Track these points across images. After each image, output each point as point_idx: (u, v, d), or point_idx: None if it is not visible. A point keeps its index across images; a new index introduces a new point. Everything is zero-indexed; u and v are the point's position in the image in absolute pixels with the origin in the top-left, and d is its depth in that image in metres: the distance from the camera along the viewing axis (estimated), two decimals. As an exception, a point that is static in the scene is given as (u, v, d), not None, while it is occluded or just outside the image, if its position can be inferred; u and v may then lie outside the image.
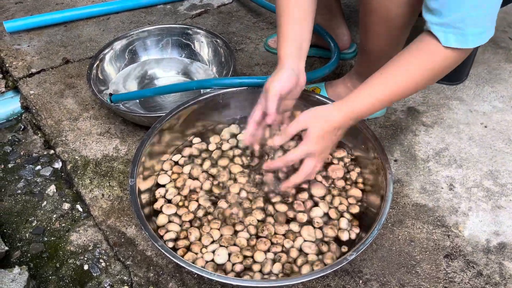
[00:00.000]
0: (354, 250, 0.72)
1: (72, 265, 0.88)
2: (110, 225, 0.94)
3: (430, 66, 0.75)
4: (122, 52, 1.25)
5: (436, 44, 0.73)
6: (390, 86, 0.78)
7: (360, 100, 0.78)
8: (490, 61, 1.35)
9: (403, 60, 0.77)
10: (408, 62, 0.77)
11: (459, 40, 0.71)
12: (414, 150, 1.09)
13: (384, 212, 0.77)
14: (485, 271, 0.87)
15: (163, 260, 0.88)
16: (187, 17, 1.55)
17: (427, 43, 0.75)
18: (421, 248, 0.90)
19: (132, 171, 0.84)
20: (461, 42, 0.71)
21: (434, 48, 0.74)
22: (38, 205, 1.00)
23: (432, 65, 0.75)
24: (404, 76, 0.77)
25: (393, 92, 0.78)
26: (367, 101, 0.78)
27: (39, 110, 1.20)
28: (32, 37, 1.45)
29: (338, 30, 1.27)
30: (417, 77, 0.77)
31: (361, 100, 0.78)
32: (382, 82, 0.78)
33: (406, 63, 0.77)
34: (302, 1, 0.84)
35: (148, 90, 1.13)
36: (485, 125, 1.15)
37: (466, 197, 0.99)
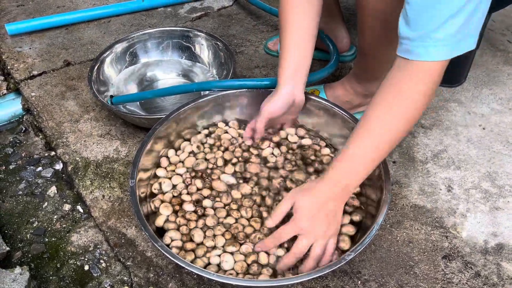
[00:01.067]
0: (352, 251, 0.73)
1: (73, 266, 0.89)
2: (110, 226, 0.95)
3: (414, 101, 0.70)
4: (123, 55, 1.26)
5: (415, 66, 0.68)
6: (373, 147, 0.73)
7: (345, 168, 0.74)
8: (489, 63, 1.36)
9: (382, 111, 0.72)
10: (388, 111, 0.72)
11: (441, 52, 0.67)
12: (412, 152, 1.10)
13: (382, 213, 0.78)
14: (483, 272, 0.87)
15: (163, 261, 0.88)
16: (188, 20, 1.56)
17: (404, 73, 0.70)
18: (420, 249, 0.91)
19: (133, 172, 0.85)
20: (443, 53, 0.67)
21: (414, 74, 0.69)
22: (39, 206, 1.01)
23: (417, 97, 0.70)
24: (387, 130, 0.72)
25: (379, 151, 0.74)
26: (352, 167, 0.74)
27: (40, 112, 1.20)
28: (34, 39, 1.46)
29: (337, 32, 1.28)
30: (402, 123, 0.72)
31: (345, 168, 0.74)
32: (363, 144, 0.74)
33: (386, 114, 0.72)
34: (304, 22, 0.88)
35: (149, 92, 1.14)
36: (483, 127, 1.16)
37: (464, 199, 1.00)
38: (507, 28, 1.49)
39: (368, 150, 0.74)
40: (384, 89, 0.73)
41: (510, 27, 1.50)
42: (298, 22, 0.88)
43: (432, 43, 0.67)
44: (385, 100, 0.73)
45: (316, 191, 0.75)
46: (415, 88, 0.70)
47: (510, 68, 1.34)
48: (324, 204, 0.74)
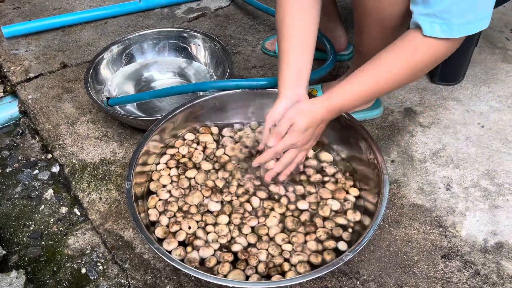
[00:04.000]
0: (350, 251, 0.72)
1: (70, 269, 0.88)
2: (107, 229, 0.94)
3: (413, 61, 0.77)
4: (119, 56, 1.26)
5: (421, 37, 0.75)
6: (370, 83, 0.80)
7: (341, 95, 0.81)
8: (487, 61, 1.36)
9: (384, 57, 0.79)
10: (389, 58, 0.79)
11: (444, 30, 0.72)
12: (411, 150, 1.09)
13: (380, 213, 0.77)
14: (482, 271, 0.86)
15: (161, 263, 0.88)
16: (184, 21, 1.55)
17: (411, 37, 0.76)
18: (419, 249, 0.90)
19: (129, 174, 0.84)
20: (446, 32, 0.72)
21: (418, 41, 0.75)
22: (35, 209, 1.00)
23: (417, 59, 0.77)
24: (384, 73, 0.79)
25: (373, 88, 0.80)
26: (347, 96, 0.81)
27: (36, 115, 1.20)
28: (30, 42, 1.46)
29: (335, 32, 1.28)
30: (398, 73, 0.78)
31: (342, 96, 0.81)
32: (362, 79, 0.81)
33: (387, 60, 0.79)
34: (304, 24, 0.87)
35: (145, 93, 1.13)
36: (482, 125, 1.15)
37: (463, 197, 0.99)
38: (505, 26, 1.49)
39: (368, 85, 0.80)
40: (395, 44, 0.79)
41: (508, 25, 1.49)
42: (298, 23, 0.86)
43: (437, 21, 0.72)
44: (393, 52, 0.78)
45: (313, 112, 0.81)
46: (418, 54, 0.76)
47: (509, 65, 1.34)
48: (317, 123, 0.83)
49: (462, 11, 0.71)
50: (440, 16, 0.71)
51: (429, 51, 0.76)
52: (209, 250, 0.81)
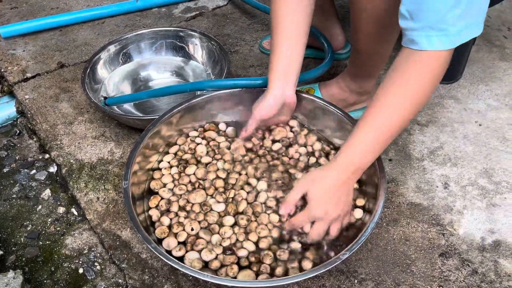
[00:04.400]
0: (347, 250, 0.72)
1: (67, 269, 0.88)
2: (105, 228, 0.94)
3: (421, 86, 0.72)
4: (116, 56, 1.26)
5: (420, 55, 0.70)
6: (382, 128, 0.75)
7: (354, 152, 0.76)
8: (485, 59, 1.36)
9: (389, 94, 0.74)
10: (395, 94, 0.74)
11: (444, 42, 0.68)
12: (408, 149, 1.09)
13: (377, 211, 0.77)
14: (480, 269, 0.87)
15: (158, 263, 0.88)
16: (182, 20, 1.55)
17: (411, 61, 0.72)
18: (416, 247, 0.90)
19: (126, 174, 0.84)
20: (446, 43, 0.69)
21: (420, 63, 0.71)
22: (33, 209, 1.00)
23: (424, 83, 0.72)
24: (396, 112, 0.74)
25: (387, 132, 0.75)
26: (361, 150, 0.76)
27: (34, 115, 1.20)
28: (27, 42, 1.46)
29: (332, 30, 1.28)
30: (409, 106, 0.74)
31: (355, 152, 0.76)
32: (372, 126, 0.75)
33: (394, 96, 0.74)
34: (295, 20, 0.87)
35: (143, 93, 1.13)
36: (479, 124, 1.15)
37: (461, 196, 0.99)
38: (503, 24, 1.49)
39: (378, 133, 0.75)
40: (391, 76, 0.74)
41: (505, 23, 1.49)
42: (289, 20, 0.87)
43: (434, 33, 0.68)
44: (393, 85, 0.74)
45: (327, 179, 0.77)
46: (421, 74, 0.72)
47: (506, 63, 1.34)
48: (336, 191, 0.76)
49: (457, 18, 0.67)
50: (436, 27, 0.67)
51: (433, 67, 0.71)
52: (211, 254, 0.80)
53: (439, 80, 0.74)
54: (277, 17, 0.87)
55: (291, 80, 0.89)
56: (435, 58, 0.70)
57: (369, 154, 0.77)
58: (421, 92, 0.73)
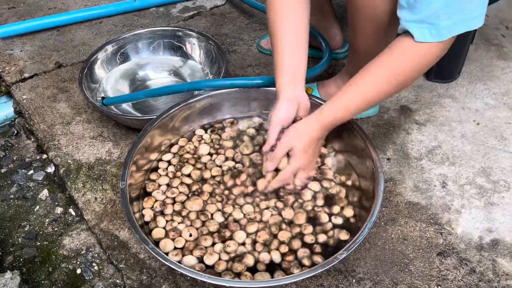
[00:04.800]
0: (345, 249, 0.72)
1: (65, 269, 0.88)
2: (103, 229, 0.94)
3: (403, 67, 0.78)
4: (113, 55, 1.26)
5: (410, 42, 0.75)
6: (359, 96, 0.81)
7: (334, 111, 0.83)
8: (483, 58, 1.36)
9: (372, 67, 0.80)
10: (377, 68, 0.79)
11: (434, 35, 0.73)
12: (407, 148, 1.09)
13: (374, 211, 0.77)
14: (478, 268, 0.87)
15: (156, 263, 0.88)
16: (180, 20, 1.55)
17: (400, 44, 0.77)
18: (414, 246, 0.90)
19: (123, 174, 0.84)
20: (436, 36, 0.73)
21: (408, 47, 0.76)
22: (30, 209, 1.00)
23: (407, 65, 0.77)
24: (372, 84, 0.80)
25: (364, 100, 0.82)
26: (339, 111, 0.82)
27: (31, 115, 1.19)
28: (25, 42, 1.45)
29: (330, 30, 1.28)
30: (387, 83, 0.79)
31: (334, 111, 0.83)
32: (351, 92, 0.82)
33: (375, 70, 0.80)
34: (296, 22, 0.87)
35: (140, 92, 1.13)
36: (477, 122, 1.15)
37: (459, 195, 0.99)
38: (501, 23, 1.49)
39: (358, 97, 0.82)
40: (383, 54, 0.79)
41: (503, 21, 1.49)
42: (289, 22, 0.86)
43: (426, 26, 0.73)
44: (381, 62, 0.79)
45: (310, 133, 0.83)
46: (409, 58, 0.77)
47: (504, 62, 1.34)
48: (316, 142, 0.85)
49: (450, 14, 0.72)
50: (428, 21, 0.73)
51: (421, 55, 0.76)
52: (213, 257, 0.79)
53: (424, 68, 0.79)
54: (276, 22, 0.86)
55: (300, 81, 0.88)
56: (423, 49, 0.75)
57: (346, 113, 0.83)
58: (404, 73, 0.78)
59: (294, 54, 0.87)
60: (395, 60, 0.78)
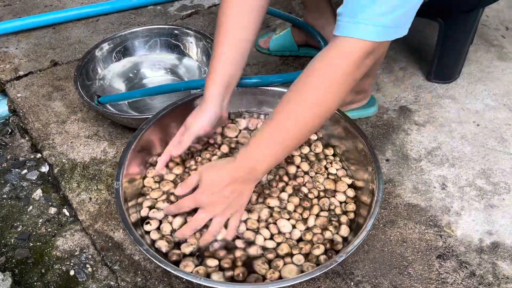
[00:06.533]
0: (343, 252, 0.71)
1: (58, 271, 0.86)
2: (97, 229, 0.92)
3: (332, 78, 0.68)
4: (110, 54, 1.24)
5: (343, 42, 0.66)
6: (286, 133, 0.71)
7: (255, 151, 0.73)
8: (482, 59, 1.35)
9: (295, 93, 0.71)
10: (300, 93, 0.70)
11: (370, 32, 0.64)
12: (406, 149, 1.08)
13: (373, 213, 0.76)
14: (478, 271, 0.85)
15: (151, 265, 0.86)
16: (178, 18, 1.53)
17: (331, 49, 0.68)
18: (413, 249, 0.89)
19: (118, 174, 0.82)
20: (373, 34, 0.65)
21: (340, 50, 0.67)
22: (23, 209, 0.98)
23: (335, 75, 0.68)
24: (296, 116, 0.70)
25: (288, 137, 0.71)
26: (262, 152, 0.73)
27: (26, 113, 1.18)
28: (20, 39, 1.43)
29: (327, 29, 1.26)
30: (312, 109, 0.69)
31: (256, 152, 0.73)
32: (277, 128, 0.72)
33: (298, 97, 0.70)
34: (241, 31, 0.84)
35: (137, 91, 1.11)
36: (477, 124, 1.14)
37: (458, 197, 0.98)
38: (500, 23, 1.48)
39: (277, 137, 0.72)
40: (305, 69, 0.71)
41: (503, 22, 1.48)
42: (236, 30, 0.82)
43: (362, 21, 0.64)
44: (300, 80, 0.70)
45: (223, 170, 0.75)
46: (335, 64, 0.67)
47: (504, 63, 1.33)
48: (228, 184, 0.73)
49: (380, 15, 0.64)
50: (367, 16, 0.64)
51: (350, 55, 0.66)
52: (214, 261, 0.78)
53: (353, 77, 0.68)
54: (221, 26, 0.83)
55: (230, 94, 0.86)
56: (356, 48, 0.66)
57: (266, 158, 0.73)
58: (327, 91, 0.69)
59: (232, 65, 0.84)
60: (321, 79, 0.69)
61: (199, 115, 0.84)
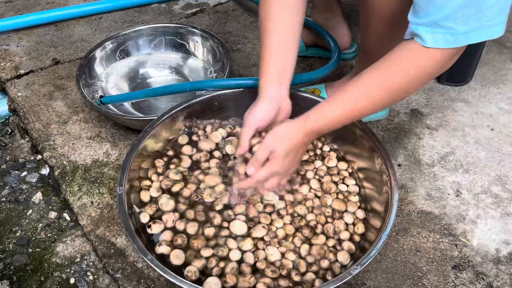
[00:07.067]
0: (358, 264, 0.68)
1: (58, 279, 0.83)
2: (99, 235, 0.89)
3: (408, 75, 0.69)
4: (113, 52, 1.21)
5: (419, 48, 0.67)
6: (350, 105, 0.74)
7: (322, 117, 0.75)
8: (495, 61, 1.31)
9: (371, 78, 0.72)
10: (376, 80, 0.72)
11: (449, 41, 0.64)
12: (418, 154, 1.04)
13: (389, 222, 0.72)
14: (495, 283, 0.82)
15: (155, 273, 0.83)
16: (182, 17, 1.50)
17: (406, 51, 0.69)
18: (428, 259, 0.85)
19: (121, 178, 0.79)
20: (451, 42, 0.65)
21: (417, 54, 0.68)
22: (23, 213, 0.95)
23: (413, 73, 0.69)
24: (370, 97, 0.72)
25: (356, 112, 0.74)
26: (328, 118, 0.75)
27: (26, 113, 1.15)
28: (21, 37, 1.40)
29: (338, 29, 1.23)
30: (385, 96, 0.72)
31: (322, 118, 0.75)
32: (343, 99, 0.74)
33: (368, 79, 0.72)
34: (289, 22, 0.81)
35: (140, 92, 1.08)
36: (491, 128, 1.11)
37: (473, 204, 0.94)
38: (513, 25, 1.44)
39: (348, 108, 0.74)
40: (380, 62, 0.72)
41: (516, 24, 1.44)
42: (282, 18, 0.80)
43: (440, 30, 0.64)
44: (378, 67, 0.72)
45: (293, 139, 0.76)
46: (411, 68, 0.69)
47: (518, 66, 1.29)
48: (298, 149, 0.79)
49: (466, 18, 0.63)
50: (443, 24, 0.63)
51: (430, 62, 0.68)
52: None
53: (429, 79, 0.72)
54: (268, 19, 0.81)
55: (286, 82, 0.83)
56: (432, 56, 0.67)
57: (333, 124, 0.76)
58: (404, 86, 0.71)
59: (285, 53, 0.81)
60: (398, 67, 0.70)
61: (256, 106, 0.81)
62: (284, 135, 0.76)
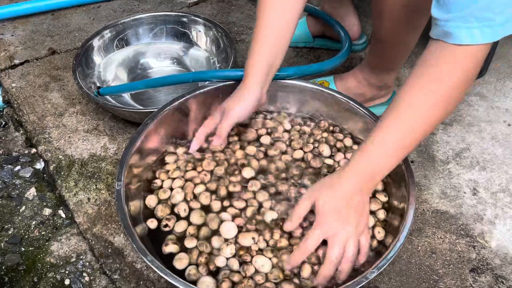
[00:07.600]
0: (375, 267, 0.63)
1: (52, 280, 0.78)
2: (95, 233, 0.84)
3: (454, 86, 0.62)
4: (111, 42, 1.16)
5: (454, 51, 0.59)
6: (407, 131, 0.64)
7: (372, 156, 0.65)
8: (510, 54, 1.26)
9: (417, 92, 0.63)
10: (424, 92, 0.62)
11: (486, 34, 0.57)
12: (432, 150, 0.99)
13: (407, 223, 0.68)
14: (516, 287, 0.77)
15: (155, 274, 0.78)
16: (184, 6, 1.45)
17: (442, 56, 0.61)
18: (444, 261, 0.81)
19: (119, 174, 0.74)
20: (489, 35, 0.57)
21: (454, 59, 0.60)
22: (15, 210, 0.90)
23: (457, 83, 0.61)
24: (423, 113, 0.63)
25: (412, 135, 0.65)
26: (381, 155, 0.65)
27: (21, 105, 1.10)
28: (17, 26, 1.35)
29: (347, 19, 1.18)
30: (439, 108, 0.63)
31: (373, 156, 0.65)
32: (395, 127, 0.64)
33: (422, 95, 0.63)
34: (284, 16, 0.78)
35: (140, 82, 1.03)
36: (508, 123, 1.06)
37: (491, 203, 0.90)
38: (528, 16, 1.39)
39: (400, 135, 0.65)
40: (418, 73, 0.63)
41: (531, 15, 1.39)
42: (278, 14, 0.77)
43: (476, 24, 0.56)
44: (419, 84, 0.63)
45: (339, 185, 0.65)
46: (455, 72, 0.61)
47: (534, 59, 1.24)
48: (350, 199, 0.65)
49: (503, 6, 0.55)
50: (480, 16, 0.56)
51: (468, 65, 0.60)
52: None
53: (473, 80, 0.63)
54: (263, 10, 0.77)
55: (270, 77, 0.81)
56: (471, 54, 0.59)
57: (389, 159, 0.66)
58: (454, 93, 0.63)
59: (275, 51, 0.79)
60: (445, 83, 0.61)
61: (240, 100, 0.77)
62: (324, 184, 0.68)
